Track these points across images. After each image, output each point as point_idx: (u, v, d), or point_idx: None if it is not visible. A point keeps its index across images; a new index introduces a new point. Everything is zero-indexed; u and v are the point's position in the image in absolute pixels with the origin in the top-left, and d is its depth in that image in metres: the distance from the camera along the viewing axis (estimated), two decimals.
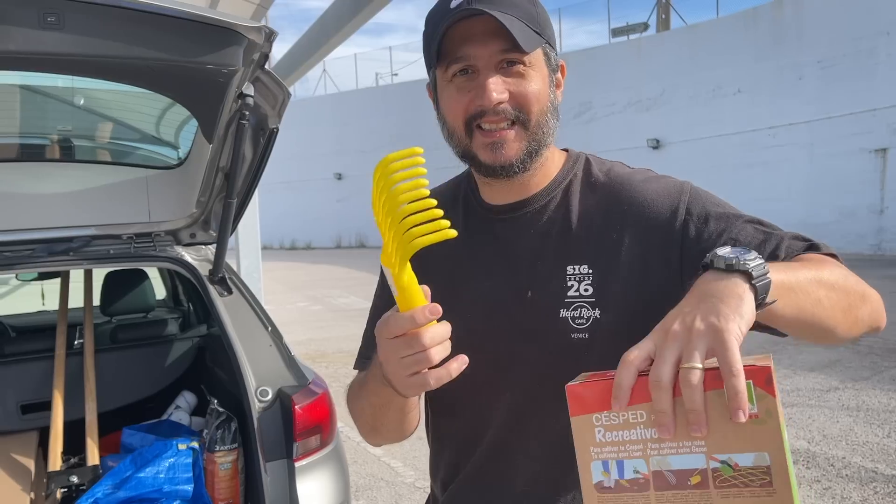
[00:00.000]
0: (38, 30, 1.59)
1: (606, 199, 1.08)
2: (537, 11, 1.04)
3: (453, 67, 1.03)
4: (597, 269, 1.04)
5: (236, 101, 2.09)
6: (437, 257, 1.08)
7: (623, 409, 0.72)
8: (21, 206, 2.53)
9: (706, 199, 1.06)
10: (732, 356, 0.69)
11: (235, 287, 2.62)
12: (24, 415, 2.70)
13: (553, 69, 1.08)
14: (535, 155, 1.06)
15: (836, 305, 0.89)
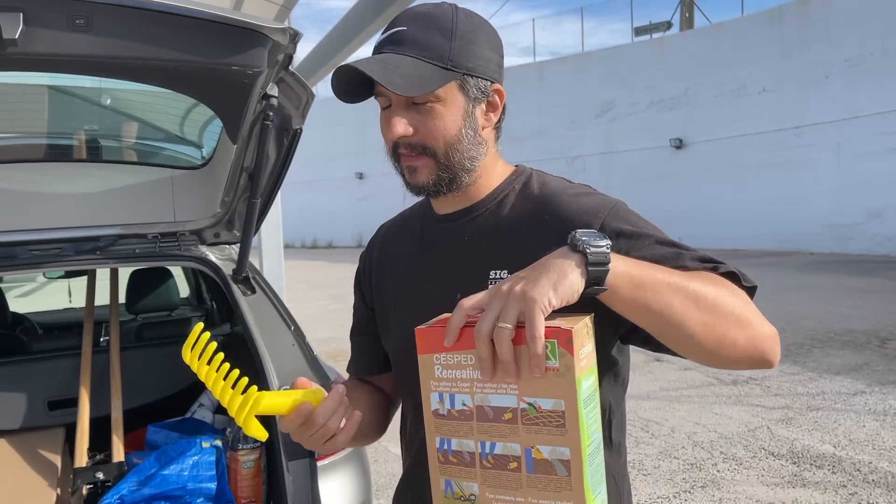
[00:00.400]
0: (67, 32, 1.61)
1: (534, 210, 1.16)
2: (454, 46, 1.10)
3: (380, 101, 1.16)
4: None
5: (260, 101, 2.10)
6: (395, 263, 1.29)
7: (452, 345, 0.87)
8: (49, 205, 2.57)
9: (626, 218, 1.11)
10: (533, 323, 0.81)
11: (259, 286, 2.64)
12: (51, 411, 2.73)
13: (475, 98, 1.13)
14: (453, 182, 1.15)
15: (693, 318, 0.93)
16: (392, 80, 1.05)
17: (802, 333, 8.13)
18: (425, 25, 1.10)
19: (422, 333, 0.91)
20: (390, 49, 1.10)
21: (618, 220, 1.10)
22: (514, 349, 0.83)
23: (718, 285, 0.98)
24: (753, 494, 3.93)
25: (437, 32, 1.10)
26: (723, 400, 5.75)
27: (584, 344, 0.85)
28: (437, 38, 1.09)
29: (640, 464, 4.43)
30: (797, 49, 18.89)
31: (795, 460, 4.39)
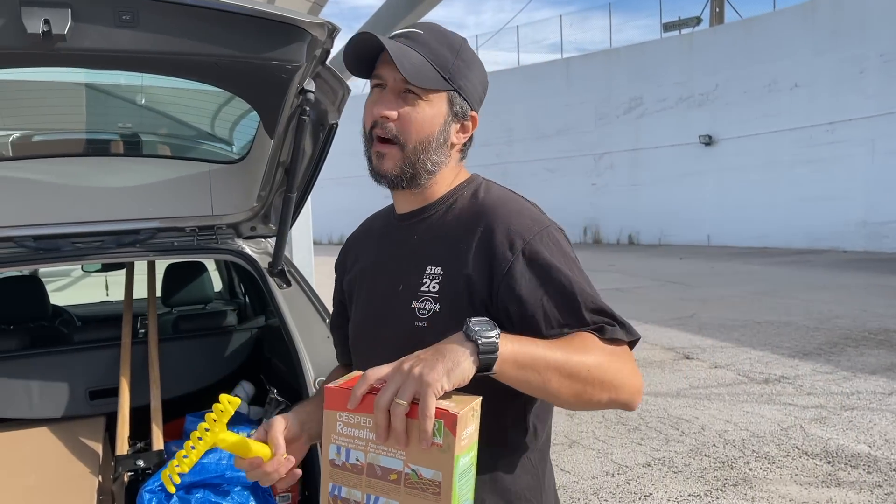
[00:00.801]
0: (114, 27, 1.65)
1: (473, 218, 1.27)
2: (456, 63, 1.25)
3: (372, 81, 1.28)
4: (446, 271, 1.25)
5: (297, 96, 2.12)
6: (362, 258, 1.44)
7: (354, 410, 0.99)
8: (91, 199, 2.62)
9: (548, 247, 1.21)
10: (426, 404, 0.93)
11: (294, 279, 2.67)
12: (92, 400, 2.79)
13: (455, 114, 1.28)
14: (413, 178, 1.27)
15: (567, 390, 1.09)
16: (403, 63, 1.18)
17: (836, 332, 8.00)
18: (438, 38, 1.26)
19: (330, 392, 1.03)
20: (405, 42, 1.22)
21: (539, 245, 1.21)
22: (407, 421, 0.95)
23: (596, 354, 1.12)
24: (787, 493, 3.89)
25: (446, 47, 1.25)
26: (754, 398, 5.69)
27: (468, 425, 0.97)
28: (444, 51, 1.25)
29: (671, 461, 4.40)
30: (830, 43, 18.56)
31: (830, 460, 4.34)
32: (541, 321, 1.17)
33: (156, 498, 2.21)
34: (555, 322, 1.17)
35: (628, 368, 1.15)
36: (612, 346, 1.15)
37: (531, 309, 1.18)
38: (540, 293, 1.18)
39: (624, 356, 1.16)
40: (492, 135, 25.80)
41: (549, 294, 1.18)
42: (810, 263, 15.51)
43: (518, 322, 1.18)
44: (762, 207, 20.12)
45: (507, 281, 1.19)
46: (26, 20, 1.55)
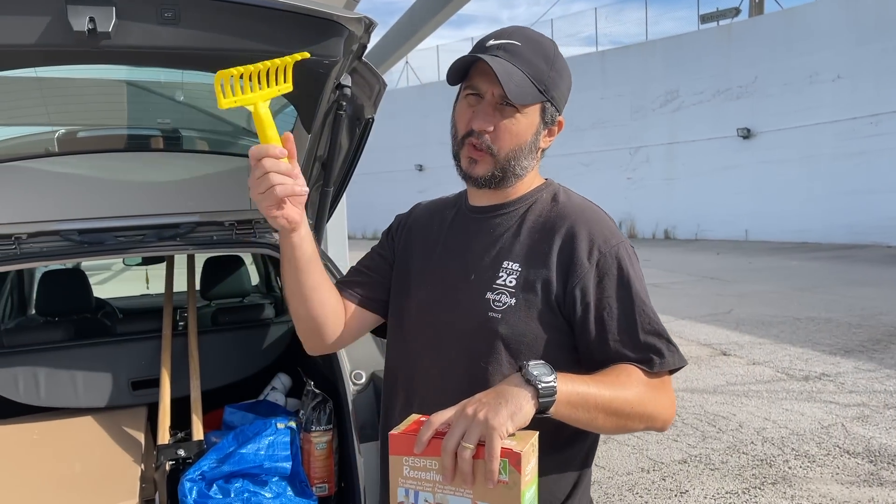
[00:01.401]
0: (156, 25, 1.68)
1: (553, 220, 1.35)
2: (550, 74, 1.31)
3: (468, 89, 1.34)
4: (525, 269, 1.32)
5: (334, 91, 2.14)
6: (427, 238, 1.49)
7: (421, 454, 1.04)
8: (133, 193, 2.68)
9: (619, 263, 1.29)
10: (492, 447, 0.99)
11: (330, 273, 2.69)
12: (135, 391, 2.85)
13: (547, 122, 1.36)
14: (501, 181, 1.34)
15: (610, 425, 1.19)
16: (510, 86, 1.25)
17: (879, 329, 7.82)
18: (535, 49, 1.31)
19: (395, 438, 1.07)
20: (505, 56, 1.28)
21: (614, 259, 1.29)
22: (472, 462, 1.01)
23: (639, 389, 1.21)
24: (827, 493, 3.82)
25: (542, 58, 1.31)
26: (793, 396, 5.59)
27: (530, 461, 1.03)
28: (541, 63, 1.30)
29: (707, 458, 4.35)
30: (874, 34, 18.07)
31: (872, 459, 4.25)
32: (598, 331, 1.27)
33: (196, 487, 2.25)
34: (610, 337, 1.27)
35: (666, 400, 1.26)
36: (654, 380, 1.25)
37: (592, 318, 1.27)
38: (604, 305, 1.27)
39: (663, 388, 1.26)
40: None
41: (612, 308, 1.27)
42: (852, 259, 15.16)
43: (578, 325, 1.28)
44: (802, 202, 19.72)
45: (580, 286, 1.27)
46: (72, 18, 1.58)
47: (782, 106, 20.16)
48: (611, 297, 1.28)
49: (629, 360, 1.25)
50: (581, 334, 1.28)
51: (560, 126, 1.40)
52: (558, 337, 1.30)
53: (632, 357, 1.25)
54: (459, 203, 1.50)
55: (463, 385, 1.26)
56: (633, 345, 1.26)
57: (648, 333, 1.27)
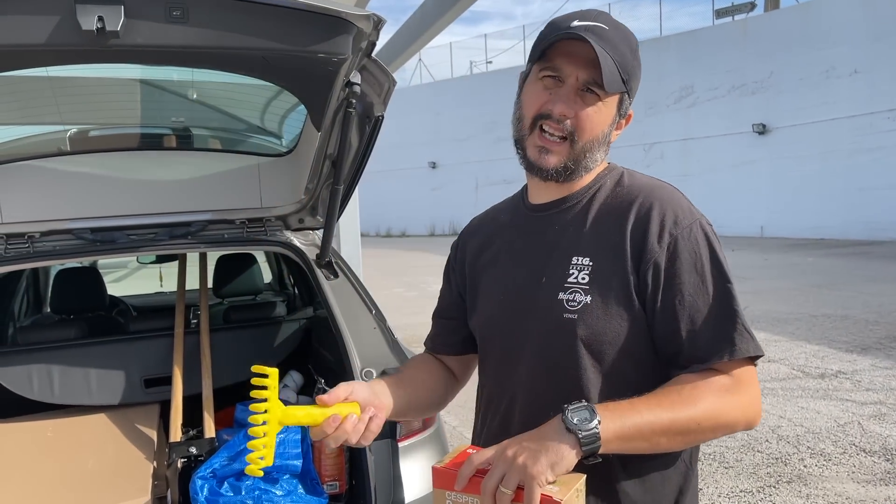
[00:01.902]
0: (164, 23, 1.68)
1: (620, 204, 1.25)
2: (633, 64, 1.23)
3: (547, 71, 1.22)
4: (596, 262, 1.22)
5: (344, 89, 2.13)
6: (490, 249, 1.39)
7: (462, 490, 1.05)
8: (144, 191, 2.69)
9: (693, 248, 1.19)
10: (531, 495, 0.99)
11: (341, 271, 2.70)
12: (147, 388, 2.87)
13: (621, 114, 1.27)
14: (573, 173, 1.25)
15: (678, 444, 1.15)
16: (607, 73, 1.16)
17: None
18: (621, 37, 1.22)
19: (437, 472, 1.09)
20: (595, 40, 1.17)
21: (686, 241, 1.19)
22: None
23: (707, 400, 1.12)
24: (843, 491, 3.78)
25: (627, 47, 1.22)
26: (809, 394, 5.54)
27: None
28: (626, 50, 1.22)
29: (722, 456, 4.32)
30: (891, 28, 17.86)
31: (889, 457, 4.20)
32: (668, 321, 1.18)
33: (207, 484, 2.26)
34: (682, 326, 1.17)
35: (744, 399, 1.15)
36: (727, 381, 1.14)
37: (662, 306, 1.18)
38: (675, 292, 1.18)
39: (739, 387, 1.14)
40: None
41: (683, 295, 1.17)
42: (870, 255, 15.00)
43: (649, 314, 1.19)
44: (819, 197, 19.54)
45: (651, 272, 1.18)
46: (81, 17, 1.59)
47: (798, 101, 19.98)
48: (682, 282, 1.17)
49: (699, 353, 1.16)
50: (652, 324, 1.19)
51: (629, 120, 1.31)
52: (643, 329, 1.20)
53: (702, 349, 1.16)
54: (517, 204, 1.41)
55: (549, 393, 1.22)
56: (704, 336, 1.16)
57: (721, 322, 1.16)
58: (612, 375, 1.20)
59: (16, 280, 3.85)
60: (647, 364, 1.21)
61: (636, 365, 1.21)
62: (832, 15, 19.24)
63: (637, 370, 1.20)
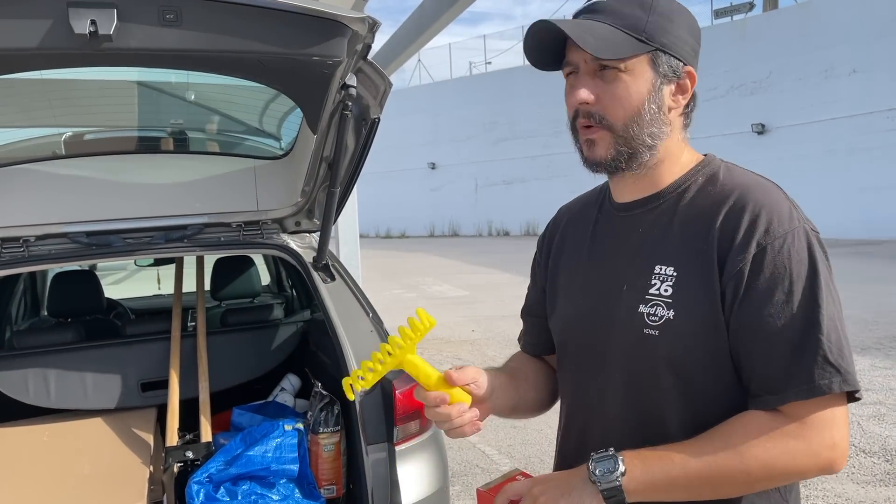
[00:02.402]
0: (158, 26, 1.67)
1: (711, 207, 1.11)
2: (651, 19, 1.10)
3: (565, 69, 1.15)
4: (681, 272, 1.10)
5: (339, 91, 2.13)
6: (571, 246, 1.30)
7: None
8: (140, 195, 2.68)
9: (784, 262, 1.04)
10: None
11: (338, 274, 2.69)
12: (144, 392, 2.86)
13: (664, 75, 1.12)
14: (632, 157, 1.12)
15: (727, 493, 1.05)
16: (584, 38, 1.06)
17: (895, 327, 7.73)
18: (626, 1, 1.11)
19: (480, 495, 1.16)
20: (587, 17, 1.11)
21: (775, 252, 1.04)
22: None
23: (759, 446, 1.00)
24: (843, 492, 3.77)
25: (636, 5, 1.10)
26: None
27: None
28: (634, 10, 1.10)
29: None
30: (891, 27, 17.85)
31: (889, 458, 4.19)
32: (740, 348, 1.06)
33: (204, 489, 2.25)
34: (755, 356, 1.05)
35: (814, 445, 1.01)
36: (790, 424, 1.01)
37: (736, 330, 1.06)
38: (752, 313, 1.04)
39: (807, 432, 1.01)
40: (538, 126, 25.59)
41: (763, 318, 1.03)
42: (869, 254, 15.00)
43: (732, 339, 1.06)
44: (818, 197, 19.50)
45: (732, 286, 1.05)
46: (73, 21, 1.58)
47: (797, 101, 19.98)
48: (762, 300, 1.03)
49: (772, 385, 1.03)
50: (730, 342, 1.07)
51: (692, 78, 1.15)
52: None
53: (774, 381, 1.03)
54: (602, 199, 1.29)
55: (626, 414, 1.15)
56: (778, 365, 1.02)
57: (799, 353, 1.01)
58: (698, 399, 1.10)
59: (12, 284, 3.84)
60: (739, 388, 1.08)
61: (727, 389, 1.08)
62: (830, 15, 19.24)
63: (728, 395, 1.08)
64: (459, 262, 17.69)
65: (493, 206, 27.88)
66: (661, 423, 1.11)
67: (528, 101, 25.92)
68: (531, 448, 4.60)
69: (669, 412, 1.11)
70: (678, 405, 1.10)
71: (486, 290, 12.25)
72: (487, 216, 28.11)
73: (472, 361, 6.99)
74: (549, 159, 25.01)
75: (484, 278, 14.06)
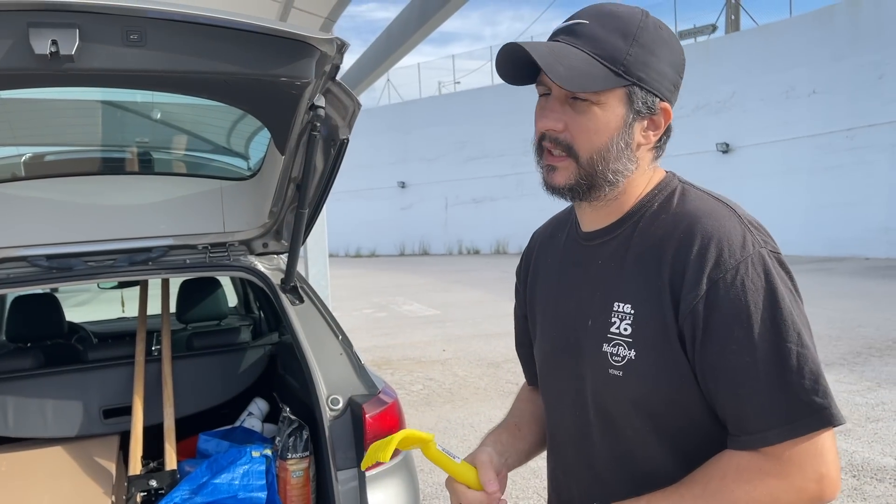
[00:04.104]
0: (122, 47, 1.64)
1: (661, 240, 1.06)
2: (631, 51, 1.03)
3: (539, 88, 1.11)
4: (638, 310, 1.06)
5: (308, 112, 2.11)
6: (545, 274, 1.26)
7: None
8: (103, 217, 2.63)
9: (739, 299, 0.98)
10: None
11: (307, 296, 2.65)
12: (106, 419, 2.78)
13: (637, 111, 1.07)
14: (591, 190, 1.09)
15: None
16: (555, 68, 1.01)
17: (859, 342, 7.87)
18: (608, 24, 1.05)
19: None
20: (565, 39, 1.05)
21: (727, 286, 0.99)
22: None
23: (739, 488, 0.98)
24: None
25: (618, 34, 1.04)
26: None
27: None
28: (615, 40, 1.04)
29: None
30: (848, 50, 18.38)
31: (855, 473, 4.24)
32: (705, 390, 1.03)
33: None
34: (717, 400, 1.01)
35: (797, 481, 0.97)
36: (769, 465, 0.98)
37: (704, 366, 1.01)
38: (708, 355, 1.00)
39: (787, 470, 0.97)
40: (508, 145, 25.77)
41: (719, 361, 0.99)
42: (831, 271, 15.30)
43: (700, 379, 1.02)
44: (781, 215, 19.90)
45: (688, 326, 1.01)
46: (34, 41, 1.55)
47: (760, 121, 20.42)
48: (721, 337, 0.98)
49: (747, 425, 0.99)
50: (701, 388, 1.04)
51: (666, 115, 1.09)
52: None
53: (749, 422, 0.99)
54: (571, 225, 1.25)
55: (604, 452, 1.13)
56: (750, 405, 0.98)
57: (771, 391, 0.97)
58: (673, 435, 1.07)
59: None
60: (715, 422, 1.05)
61: (701, 425, 1.05)
62: (791, 37, 19.75)
63: (704, 429, 1.05)
64: (430, 280, 17.66)
65: (463, 225, 27.94)
66: (640, 460, 1.10)
67: (498, 121, 26.12)
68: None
69: (647, 448, 1.09)
70: (654, 442, 1.08)
71: (456, 308, 12.23)
72: (457, 235, 28.15)
73: (442, 382, 6.95)
74: (519, 178, 25.18)
75: (454, 297, 14.05)
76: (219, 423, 2.95)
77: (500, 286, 14.53)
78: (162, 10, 1.64)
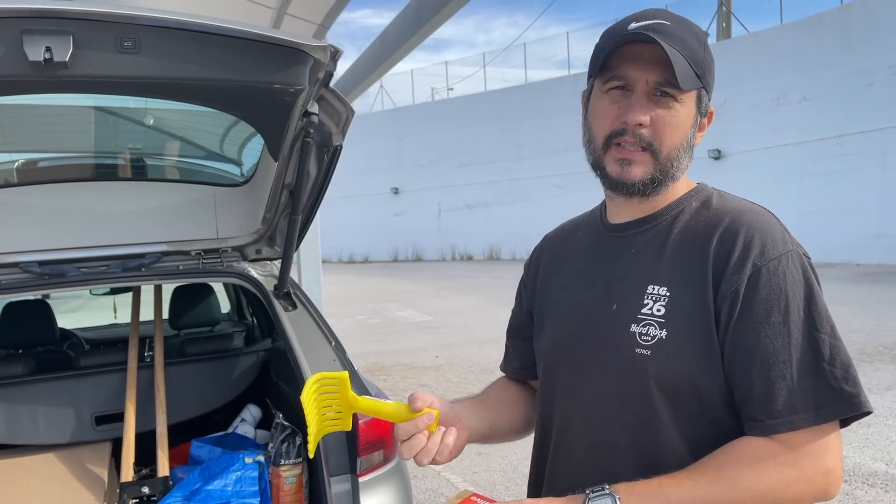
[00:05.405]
0: (116, 54, 1.65)
1: (705, 229, 1.12)
2: (705, 56, 1.12)
3: (612, 82, 1.12)
4: (674, 292, 1.10)
5: (301, 119, 2.12)
6: (560, 268, 1.30)
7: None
8: (96, 223, 2.62)
9: (779, 287, 1.04)
10: None
11: (300, 302, 2.65)
12: (98, 426, 2.77)
13: (702, 113, 1.15)
14: (660, 184, 1.13)
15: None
16: (680, 70, 1.05)
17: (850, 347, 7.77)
18: (684, 28, 1.11)
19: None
20: (662, 39, 1.07)
21: (769, 275, 1.04)
22: None
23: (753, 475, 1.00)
24: None
25: (695, 38, 1.11)
26: None
27: None
28: (694, 43, 1.10)
29: None
30: (839, 56, 18.52)
31: (847, 479, 4.26)
32: (732, 374, 1.06)
33: None
34: (744, 384, 1.04)
35: (808, 472, 1.01)
36: (783, 453, 1.01)
37: (729, 355, 1.05)
38: (745, 339, 1.04)
39: (801, 459, 1.01)
40: (500, 151, 25.85)
41: (755, 344, 1.03)
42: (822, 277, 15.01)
43: (727, 360, 1.06)
44: None
45: (725, 309, 1.05)
46: (28, 48, 1.55)
47: (751, 127, 20.52)
48: (759, 321, 1.03)
49: (770, 409, 1.02)
50: (724, 364, 1.06)
51: (711, 118, 1.18)
52: None
53: (774, 406, 1.01)
54: (594, 221, 1.30)
55: (616, 436, 1.13)
56: (777, 389, 1.01)
57: (800, 377, 1.01)
58: (689, 419, 1.09)
59: None
60: (732, 409, 1.08)
61: (719, 410, 1.08)
62: (781, 44, 19.89)
63: (720, 416, 1.08)
64: (423, 286, 17.66)
65: (456, 231, 27.96)
66: (653, 444, 1.10)
67: (490, 127, 26.19)
68: (496, 475, 4.57)
69: (661, 432, 1.10)
70: (670, 425, 1.09)
71: (449, 314, 12.23)
72: (451, 241, 28.17)
73: (436, 388, 6.95)
74: (511, 184, 25.24)
75: (447, 303, 14.05)
76: (211, 429, 2.94)
77: (493, 292, 14.54)
78: (156, 17, 1.64)
